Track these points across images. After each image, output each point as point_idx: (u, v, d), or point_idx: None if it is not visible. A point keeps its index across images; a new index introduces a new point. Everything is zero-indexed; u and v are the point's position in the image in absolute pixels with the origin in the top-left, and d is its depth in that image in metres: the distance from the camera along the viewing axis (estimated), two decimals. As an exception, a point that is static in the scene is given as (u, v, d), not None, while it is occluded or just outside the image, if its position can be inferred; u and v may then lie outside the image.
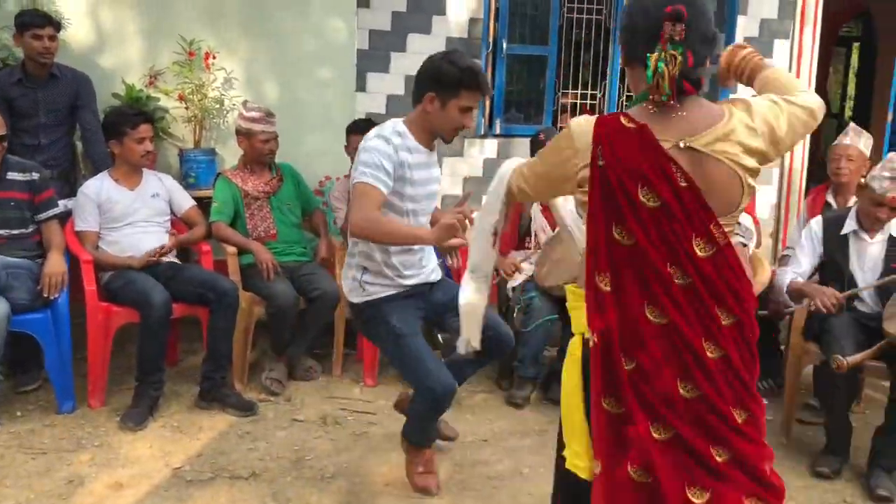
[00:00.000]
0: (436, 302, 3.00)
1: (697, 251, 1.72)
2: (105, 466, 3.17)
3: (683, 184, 1.71)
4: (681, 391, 1.75)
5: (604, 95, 5.73)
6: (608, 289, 1.74)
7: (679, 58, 1.69)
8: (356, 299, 2.87)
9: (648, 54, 1.71)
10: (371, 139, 2.71)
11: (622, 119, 1.75)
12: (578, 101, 5.73)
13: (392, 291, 2.85)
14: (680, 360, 1.74)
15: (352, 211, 2.68)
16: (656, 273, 1.72)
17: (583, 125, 1.79)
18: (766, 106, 1.81)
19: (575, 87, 5.72)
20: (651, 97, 1.75)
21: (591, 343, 1.79)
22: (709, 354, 1.74)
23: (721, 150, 1.75)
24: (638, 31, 1.77)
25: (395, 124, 2.78)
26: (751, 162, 1.77)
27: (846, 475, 3.37)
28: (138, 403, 3.59)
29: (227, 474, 3.14)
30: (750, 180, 1.79)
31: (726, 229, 1.77)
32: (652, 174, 1.70)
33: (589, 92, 5.73)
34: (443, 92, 2.68)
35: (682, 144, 1.74)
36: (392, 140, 2.70)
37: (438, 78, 2.67)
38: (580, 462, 1.87)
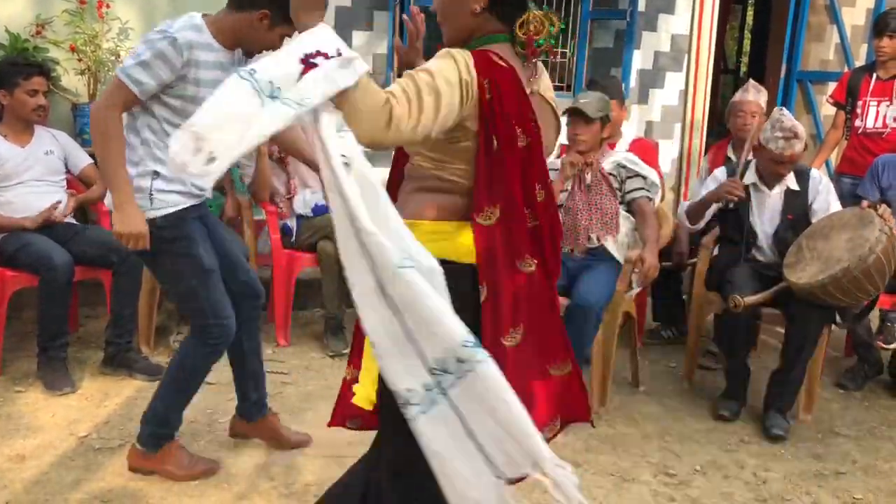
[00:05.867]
0: (219, 243, 2.66)
1: (538, 197, 1.78)
2: (4, 438, 3.03)
3: (535, 127, 1.77)
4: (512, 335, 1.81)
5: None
6: (491, 222, 1.73)
7: (547, 24, 1.79)
8: (148, 215, 2.42)
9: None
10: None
11: (493, 56, 1.72)
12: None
13: (191, 202, 2.43)
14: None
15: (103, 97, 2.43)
16: (518, 213, 1.76)
17: (462, 53, 1.69)
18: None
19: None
20: (518, 50, 1.81)
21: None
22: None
23: (550, 98, 1.90)
24: None
25: (192, 18, 2.46)
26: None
27: (744, 417, 3.55)
28: (56, 368, 3.45)
29: (138, 441, 3.06)
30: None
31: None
32: (523, 114, 1.73)
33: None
34: (277, 15, 2.41)
35: (532, 89, 1.81)
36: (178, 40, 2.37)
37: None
38: (370, 396, 1.88)
